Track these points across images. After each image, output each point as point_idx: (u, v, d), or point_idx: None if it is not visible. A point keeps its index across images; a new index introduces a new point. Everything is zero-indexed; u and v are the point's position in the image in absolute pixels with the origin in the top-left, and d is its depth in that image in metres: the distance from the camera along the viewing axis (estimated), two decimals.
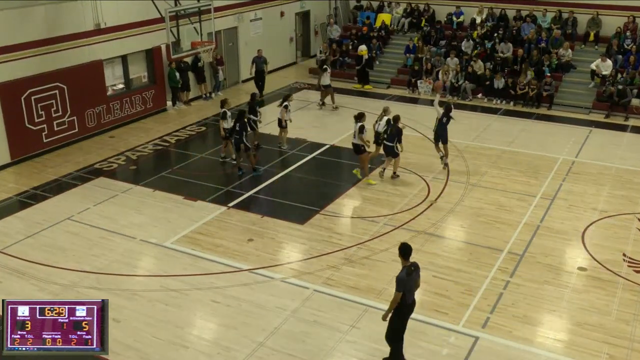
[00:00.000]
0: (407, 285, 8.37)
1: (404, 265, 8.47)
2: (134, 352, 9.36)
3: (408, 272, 8.39)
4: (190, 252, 12.17)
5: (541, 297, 10.70)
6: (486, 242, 12.50)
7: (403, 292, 8.33)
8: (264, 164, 16.37)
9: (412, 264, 8.53)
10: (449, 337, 9.66)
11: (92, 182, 15.40)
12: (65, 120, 17.47)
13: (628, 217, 13.52)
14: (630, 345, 9.48)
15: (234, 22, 23.42)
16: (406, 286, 8.36)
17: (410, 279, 8.42)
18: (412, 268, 8.49)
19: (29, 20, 16.18)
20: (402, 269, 8.44)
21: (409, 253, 8.52)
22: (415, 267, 8.55)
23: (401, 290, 8.33)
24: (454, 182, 15.22)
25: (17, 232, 12.98)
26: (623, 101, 20.15)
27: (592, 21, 23.04)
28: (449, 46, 23.78)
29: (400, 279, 8.35)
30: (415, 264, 8.60)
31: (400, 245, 8.59)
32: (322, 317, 10.14)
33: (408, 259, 8.52)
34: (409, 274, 8.39)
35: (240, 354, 9.29)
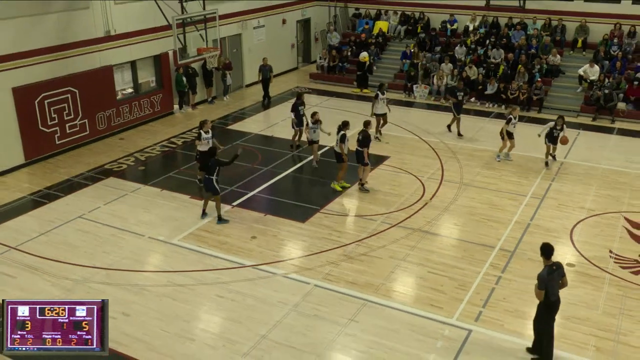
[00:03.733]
0: (548, 283, 8.34)
1: (546, 264, 8.46)
2: (142, 344, 9.36)
3: (549, 271, 8.38)
4: (196, 249, 12.16)
5: (531, 292, 10.58)
6: (479, 239, 12.49)
7: (546, 290, 8.33)
8: (268, 164, 16.37)
9: (554, 263, 8.51)
10: (444, 330, 9.65)
11: (103, 182, 15.39)
12: (76, 123, 17.47)
13: (614, 216, 13.52)
14: (617, 338, 9.48)
15: (238, 30, 23.42)
16: (547, 284, 8.34)
17: (552, 277, 8.38)
18: (554, 267, 8.46)
19: (42, 27, 16.17)
20: (544, 268, 8.43)
21: (550, 252, 8.50)
22: (557, 266, 8.52)
23: (542, 287, 8.33)
24: (448, 182, 15.21)
25: (31, 230, 12.97)
26: (609, 105, 20.15)
27: (580, 28, 23.04)
28: (444, 52, 23.79)
29: (541, 277, 8.36)
30: (557, 263, 8.57)
31: (541, 245, 8.62)
32: (322, 311, 10.14)
33: (550, 258, 8.50)
34: (549, 273, 8.37)
35: (244, 346, 9.29)
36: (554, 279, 8.45)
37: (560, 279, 8.56)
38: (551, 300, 8.50)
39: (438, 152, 17.22)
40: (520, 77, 21.60)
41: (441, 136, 18.51)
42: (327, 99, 22.63)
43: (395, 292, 10.74)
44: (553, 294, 8.50)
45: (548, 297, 8.43)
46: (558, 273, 8.51)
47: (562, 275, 8.59)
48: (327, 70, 25.25)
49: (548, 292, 8.39)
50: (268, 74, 22.24)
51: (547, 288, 8.36)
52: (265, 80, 22.29)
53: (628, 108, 20.33)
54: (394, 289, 10.85)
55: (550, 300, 8.49)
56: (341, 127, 14.53)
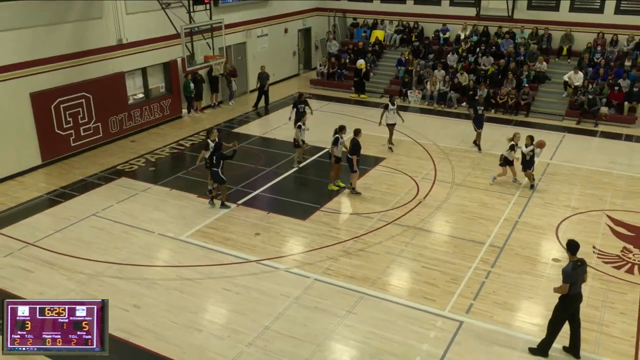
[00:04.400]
0: (572, 278, 8.27)
1: (571, 260, 8.38)
2: (152, 334, 9.36)
3: (574, 267, 8.29)
4: (203, 245, 12.17)
5: (519, 286, 10.70)
6: (470, 235, 12.50)
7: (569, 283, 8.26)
8: (270, 165, 16.38)
9: (578, 259, 8.40)
10: (436, 322, 9.66)
11: (115, 182, 15.39)
12: (90, 126, 17.47)
13: (597, 214, 13.52)
14: (599, 329, 9.48)
15: (242, 38, 23.41)
16: (572, 279, 8.27)
17: (576, 272, 8.30)
18: (579, 263, 8.37)
19: (58, 36, 16.17)
20: (569, 263, 8.35)
21: (576, 249, 8.41)
22: (582, 262, 8.42)
23: (568, 282, 8.25)
24: (440, 182, 15.21)
25: (47, 227, 12.98)
26: (593, 109, 20.14)
27: (565, 37, 23.02)
28: (437, 60, 23.79)
29: (566, 272, 8.27)
30: (582, 259, 8.47)
31: (567, 242, 8.52)
32: (322, 304, 10.14)
33: (575, 254, 8.40)
34: (574, 268, 8.29)
35: (248, 337, 9.29)
36: (578, 274, 8.35)
37: (582, 275, 8.46)
38: (572, 293, 8.37)
39: (431, 154, 17.23)
40: (508, 83, 21.61)
41: (434, 138, 18.51)
42: (326, 104, 22.62)
43: (391, 286, 10.75)
44: (575, 288, 8.39)
45: (570, 290, 8.32)
46: (582, 269, 8.39)
47: (584, 271, 8.48)
48: (327, 76, 25.23)
49: (571, 286, 8.28)
50: (265, 82, 21.94)
51: (570, 282, 8.25)
52: (263, 88, 22.00)
53: (610, 112, 20.32)
54: (389, 282, 10.85)
55: (571, 294, 8.37)
56: (337, 131, 14.44)
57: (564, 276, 8.30)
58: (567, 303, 8.49)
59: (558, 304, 8.60)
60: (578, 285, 8.43)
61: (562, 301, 8.50)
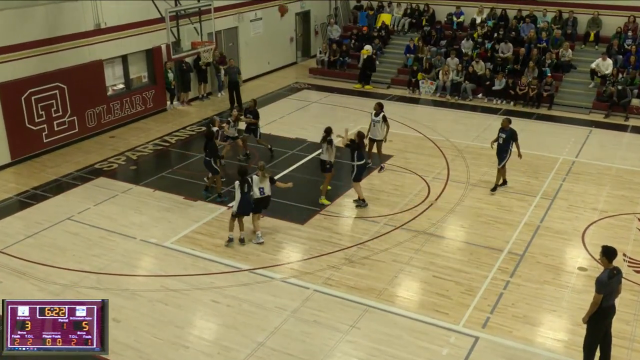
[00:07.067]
0: (607, 288, 8.10)
1: (606, 268, 8.22)
2: (134, 352, 9.36)
3: (610, 275, 8.14)
4: (190, 252, 12.17)
5: (541, 297, 10.70)
6: (486, 242, 12.50)
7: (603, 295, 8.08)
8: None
9: (614, 267, 8.25)
10: (450, 337, 9.66)
11: (92, 182, 15.40)
12: (65, 120, 17.48)
13: (628, 217, 13.52)
14: (631, 345, 9.48)
15: (234, 22, 23.43)
16: (606, 289, 8.10)
17: (611, 282, 8.15)
18: (615, 272, 8.22)
19: (30, 20, 16.18)
20: (604, 271, 8.18)
21: (613, 255, 8.22)
22: (617, 271, 8.28)
23: (602, 292, 8.05)
24: (454, 182, 15.22)
25: (18, 232, 12.98)
26: (623, 101, 20.15)
27: (593, 21, 23.04)
28: (449, 46, 23.80)
29: (600, 281, 8.09)
30: (618, 268, 8.31)
31: (604, 248, 8.33)
32: (322, 317, 10.14)
33: (612, 261, 8.23)
34: (610, 277, 8.13)
35: (241, 354, 9.29)
36: (613, 284, 8.19)
37: (617, 286, 8.33)
38: (606, 305, 8.22)
39: (443, 151, 17.24)
40: (529, 72, 21.61)
41: (447, 134, 18.52)
42: (327, 95, 22.64)
43: (399, 297, 10.75)
44: (610, 300, 8.25)
45: (603, 302, 8.15)
46: (617, 279, 8.26)
47: (619, 281, 8.35)
48: (328, 65, 25.26)
49: (605, 297, 8.10)
50: (235, 77, 20.86)
51: (604, 293, 8.08)
52: (233, 84, 20.89)
53: None
54: (397, 294, 10.86)
55: (604, 306, 8.20)
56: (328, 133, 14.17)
57: (598, 286, 8.11)
58: (600, 317, 8.33)
59: (590, 321, 8.39)
60: (612, 297, 8.30)
61: (595, 315, 8.31)
